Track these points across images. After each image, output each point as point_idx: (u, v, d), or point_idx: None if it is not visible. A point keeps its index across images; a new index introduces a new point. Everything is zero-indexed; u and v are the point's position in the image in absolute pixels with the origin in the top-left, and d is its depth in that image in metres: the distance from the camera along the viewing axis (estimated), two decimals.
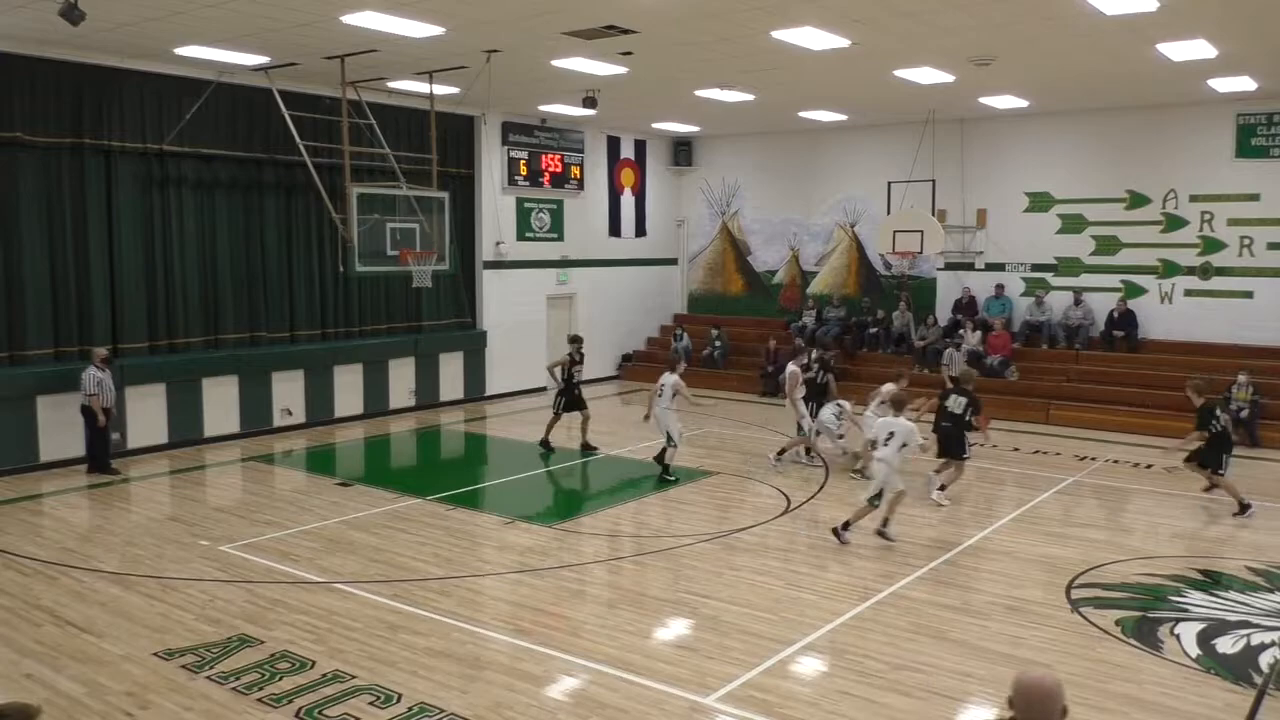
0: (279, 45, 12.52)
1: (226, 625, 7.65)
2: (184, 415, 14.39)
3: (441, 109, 15.93)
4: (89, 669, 6.87)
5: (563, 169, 20.21)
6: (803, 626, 7.70)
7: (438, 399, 18.09)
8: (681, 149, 23.12)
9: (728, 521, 10.76)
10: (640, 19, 11.05)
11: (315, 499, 11.74)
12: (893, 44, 12.30)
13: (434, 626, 7.67)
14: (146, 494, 12.09)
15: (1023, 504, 11.58)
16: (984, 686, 6.70)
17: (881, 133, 20.06)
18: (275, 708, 6.28)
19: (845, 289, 21.26)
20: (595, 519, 11.02)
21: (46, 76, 12.88)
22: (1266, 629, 7.73)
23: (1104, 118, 17.90)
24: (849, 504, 11.58)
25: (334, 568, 9.11)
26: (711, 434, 15.78)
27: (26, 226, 12.94)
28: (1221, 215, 17.00)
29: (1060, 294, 18.64)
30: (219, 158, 14.86)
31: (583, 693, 6.60)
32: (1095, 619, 7.91)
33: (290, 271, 16.02)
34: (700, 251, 23.43)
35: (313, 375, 16.06)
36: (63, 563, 9.23)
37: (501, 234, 19.13)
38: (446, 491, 12.02)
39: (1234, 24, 11.21)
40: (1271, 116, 16.39)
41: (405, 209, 14.99)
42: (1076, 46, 12.34)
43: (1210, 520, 11.06)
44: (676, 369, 12.63)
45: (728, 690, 6.57)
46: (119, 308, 13.91)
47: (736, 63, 13.50)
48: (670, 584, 8.78)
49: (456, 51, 12.76)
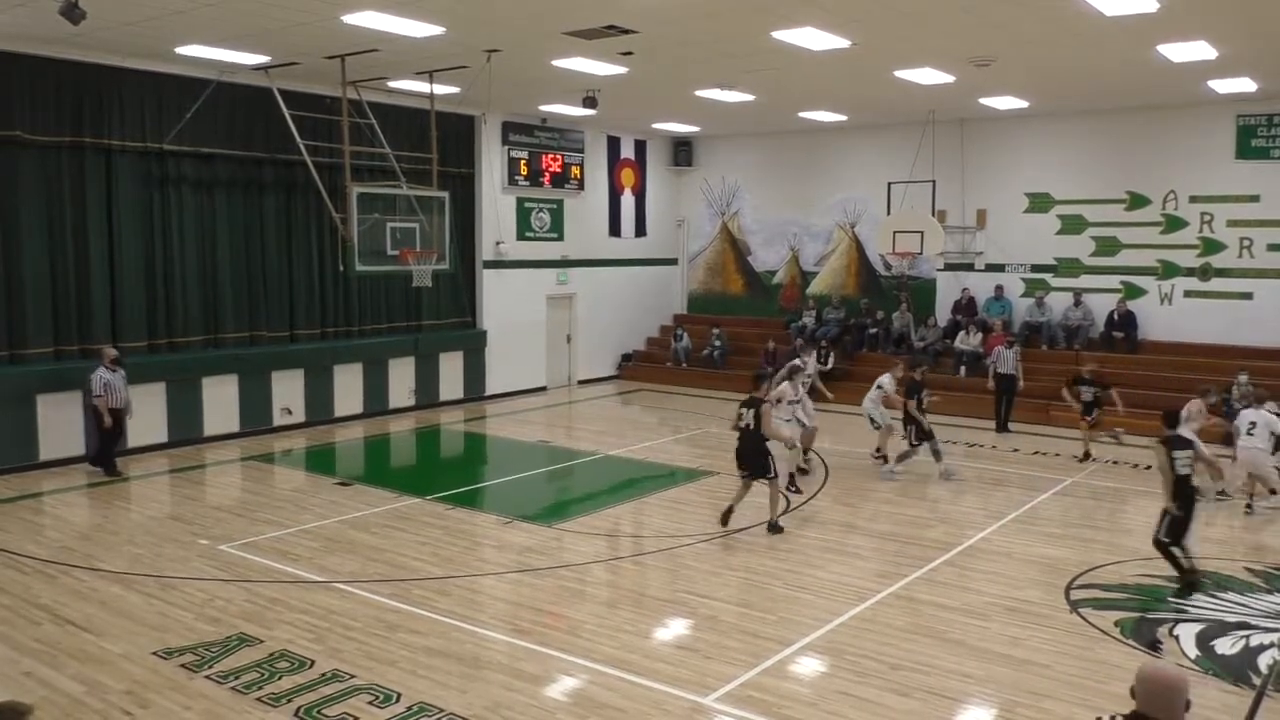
0: (279, 45, 12.52)
1: (226, 624, 7.66)
2: (184, 414, 14.39)
3: (441, 109, 15.93)
4: (88, 668, 6.87)
5: (563, 169, 20.21)
6: (802, 627, 7.70)
7: (438, 399, 18.10)
8: (681, 149, 23.12)
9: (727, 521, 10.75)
10: (640, 19, 11.05)
11: (315, 498, 11.74)
12: (893, 44, 12.31)
13: (433, 626, 7.67)
14: (146, 493, 12.09)
15: (1022, 505, 11.58)
16: (983, 687, 6.71)
17: (881, 133, 20.07)
18: (274, 707, 6.28)
19: (845, 289, 21.26)
20: (595, 519, 11.02)
21: (46, 75, 12.88)
22: (1265, 630, 7.73)
23: (1104, 118, 17.90)
24: (849, 504, 11.61)
25: (333, 567, 9.12)
26: (711, 434, 15.77)
27: (26, 225, 12.93)
28: (1221, 216, 17.01)
29: (1060, 295, 18.65)
30: (219, 157, 14.86)
31: (582, 693, 6.60)
32: (1094, 620, 7.91)
33: (290, 271, 16.02)
34: (700, 251, 23.43)
35: (312, 375, 16.06)
36: (62, 561, 9.23)
37: (501, 234, 19.13)
38: (446, 491, 12.02)
39: (1234, 25, 11.21)
40: (1271, 117, 16.40)
41: (405, 209, 14.99)
42: (1076, 47, 12.35)
43: (1209, 521, 11.05)
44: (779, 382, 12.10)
45: (727, 690, 6.58)
46: (119, 307, 13.91)
47: (736, 63, 13.50)
48: (670, 584, 8.78)
49: (456, 51, 12.76)
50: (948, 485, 12.51)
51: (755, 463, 10.21)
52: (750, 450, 10.23)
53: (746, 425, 10.24)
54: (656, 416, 17.93)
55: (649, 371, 21.91)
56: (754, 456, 10.21)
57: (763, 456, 10.18)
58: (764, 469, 10.20)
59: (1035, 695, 6.53)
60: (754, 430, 10.18)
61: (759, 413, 10.19)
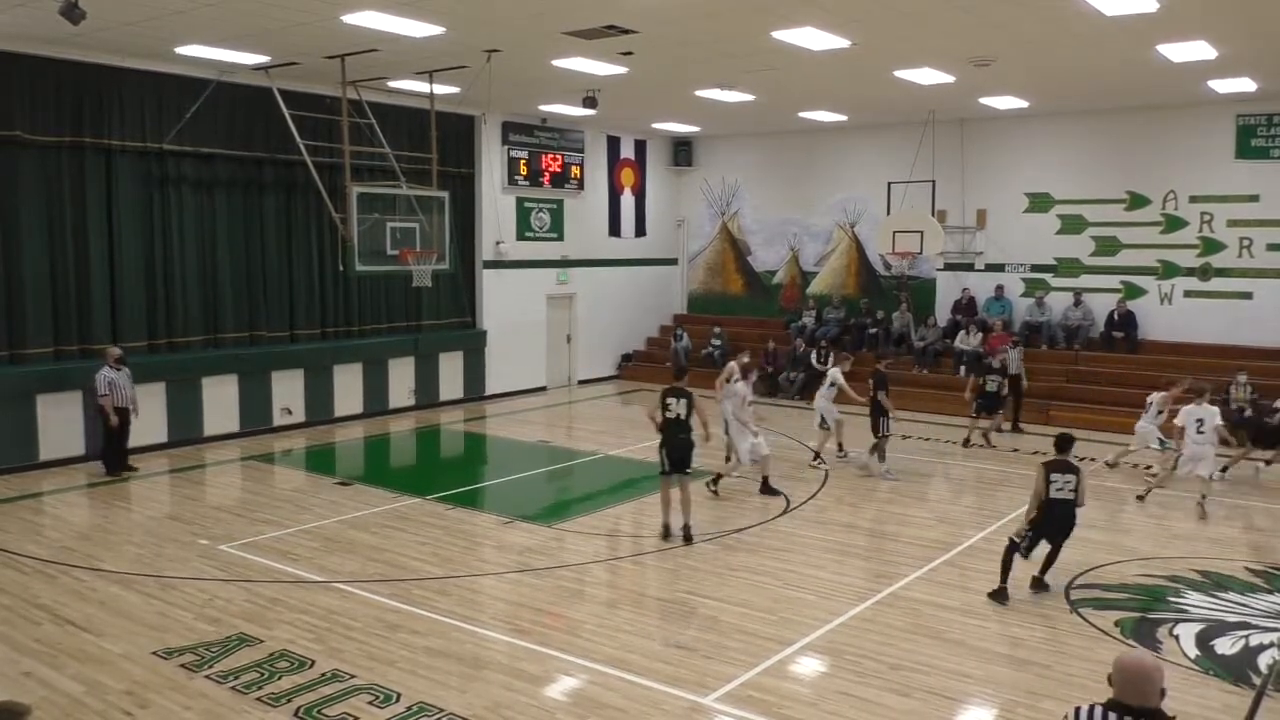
0: (279, 44, 12.52)
1: (226, 624, 7.66)
2: (183, 414, 14.39)
3: (441, 109, 15.93)
4: (88, 668, 6.87)
5: (563, 169, 20.21)
6: (801, 627, 7.70)
7: (437, 399, 18.10)
8: (681, 149, 23.12)
9: (727, 521, 10.76)
10: (640, 19, 11.05)
11: (314, 498, 11.74)
12: (893, 44, 12.31)
13: (433, 626, 7.67)
14: (146, 493, 12.09)
15: (1022, 504, 11.51)
16: (982, 687, 6.71)
17: (881, 133, 20.06)
18: (274, 707, 6.28)
19: (845, 289, 21.26)
20: (595, 519, 11.02)
21: (46, 75, 12.88)
22: (1265, 630, 7.73)
23: (1104, 118, 17.90)
24: (848, 504, 11.61)
25: (333, 567, 9.12)
26: (711, 434, 15.74)
27: (26, 225, 12.94)
28: (1221, 216, 17.01)
29: (1060, 295, 18.65)
30: (219, 157, 14.87)
31: (582, 692, 6.61)
32: (1094, 620, 7.91)
33: (290, 271, 16.02)
34: (700, 251, 23.43)
35: (312, 374, 16.06)
36: (62, 561, 9.23)
37: (501, 234, 19.13)
38: (446, 491, 12.03)
39: (1234, 25, 11.21)
40: (1271, 117, 16.40)
41: (405, 208, 14.99)
42: (1076, 47, 12.34)
43: (1209, 521, 11.05)
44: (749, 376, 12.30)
45: (726, 690, 6.58)
46: (119, 306, 13.92)
47: (736, 63, 13.50)
48: (669, 584, 8.78)
49: (456, 51, 12.76)
50: (948, 485, 12.51)
51: (685, 456, 10.06)
52: (680, 443, 10.05)
53: (677, 416, 10.05)
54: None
55: (649, 371, 21.91)
56: (684, 449, 10.06)
57: (690, 449, 10.09)
58: (688, 463, 10.10)
59: (1035, 695, 6.53)
60: (684, 421, 10.05)
61: (692, 403, 10.06)
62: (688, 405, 10.03)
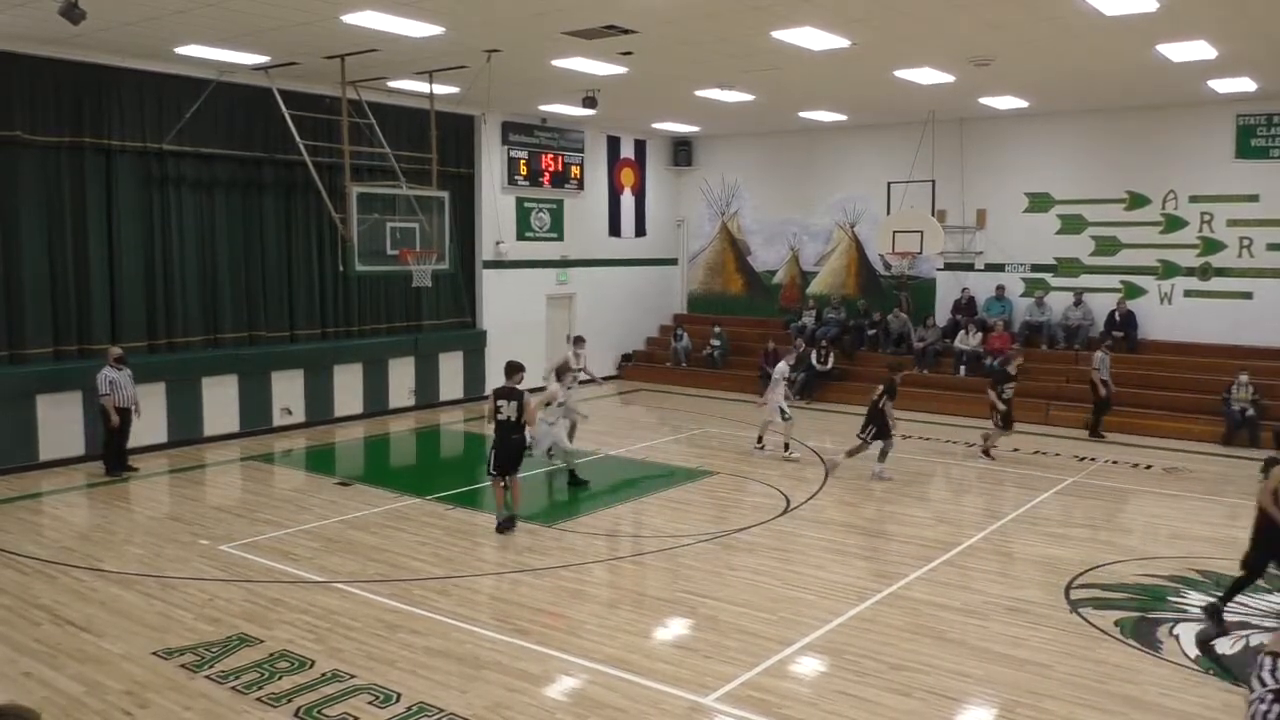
0: (279, 44, 12.52)
1: (226, 624, 7.65)
2: (183, 414, 14.39)
3: (441, 109, 15.93)
4: (88, 668, 6.87)
5: (563, 169, 20.21)
6: (801, 626, 7.70)
7: (437, 399, 18.09)
8: (681, 149, 23.12)
9: (727, 521, 10.76)
10: (640, 19, 11.05)
11: (315, 498, 11.74)
12: (893, 44, 12.31)
13: (433, 626, 7.67)
14: (146, 493, 12.08)
15: (1022, 504, 11.58)
16: (983, 687, 6.71)
17: (881, 133, 20.07)
18: (274, 707, 6.28)
19: (845, 289, 21.25)
20: (595, 519, 11.02)
21: (46, 75, 12.88)
22: (1265, 630, 7.73)
23: (1104, 118, 17.90)
24: (849, 504, 11.61)
25: (333, 567, 9.11)
26: (711, 434, 15.78)
27: (26, 225, 12.93)
28: (1221, 216, 17.00)
29: (1060, 294, 18.64)
30: (219, 157, 14.86)
31: (582, 692, 6.60)
32: (1094, 619, 7.91)
33: (290, 271, 16.01)
34: (700, 251, 23.43)
35: (312, 375, 16.06)
36: (62, 561, 9.23)
37: (501, 234, 19.13)
38: (446, 491, 12.02)
39: (1234, 24, 11.21)
40: (1271, 117, 16.40)
41: (405, 208, 14.99)
42: (1076, 47, 12.34)
43: (1208, 521, 11.05)
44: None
45: (726, 690, 6.58)
46: (118, 307, 13.91)
47: (736, 63, 13.50)
48: (669, 584, 8.78)
49: (456, 51, 12.76)
50: (948, 485, 12.51)
51: (514, 458, 10.24)
52: (510, 445, 10.21)
53: (507, 418, 10.17)
54: (656, 416, 17.91)
55: (649, 371, 21.92)
56: (514, 450, 10.24)
57: (520, 449, 10.29)
58: (517, 465, 10.30)
59: (1035, 695, 6.53)
60: (515, 422, 10.18)
61: (522, 404, 10.21)
62: (518, 407, 10.21)
